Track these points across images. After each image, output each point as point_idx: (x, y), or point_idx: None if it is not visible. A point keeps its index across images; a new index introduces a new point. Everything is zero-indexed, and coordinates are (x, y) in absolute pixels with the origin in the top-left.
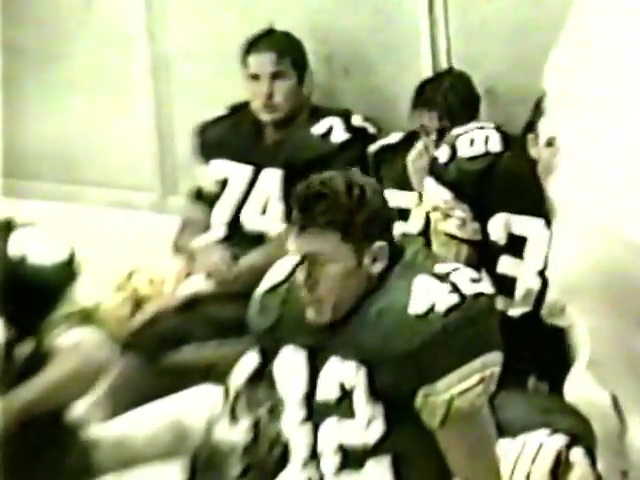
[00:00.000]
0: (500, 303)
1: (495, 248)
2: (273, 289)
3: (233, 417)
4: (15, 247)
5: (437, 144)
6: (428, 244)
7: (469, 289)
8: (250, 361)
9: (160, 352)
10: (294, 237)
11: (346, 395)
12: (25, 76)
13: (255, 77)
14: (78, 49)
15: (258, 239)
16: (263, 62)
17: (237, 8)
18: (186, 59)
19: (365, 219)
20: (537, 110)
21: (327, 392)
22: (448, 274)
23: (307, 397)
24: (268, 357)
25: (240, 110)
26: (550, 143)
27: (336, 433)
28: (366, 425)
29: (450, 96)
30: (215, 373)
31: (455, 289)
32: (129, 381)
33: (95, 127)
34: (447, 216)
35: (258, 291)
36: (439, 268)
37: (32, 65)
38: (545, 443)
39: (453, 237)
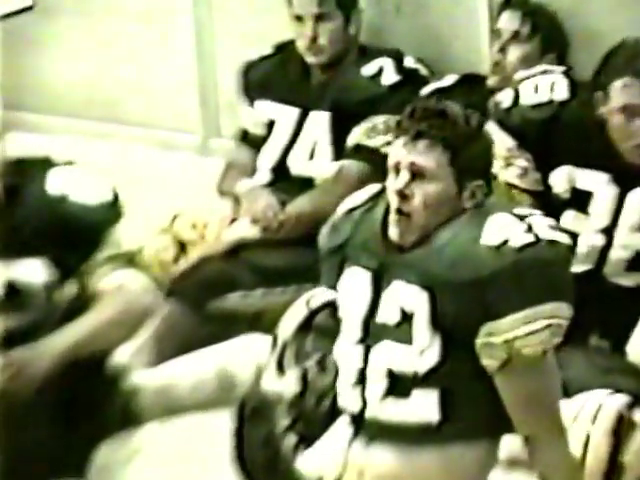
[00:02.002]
0: None
1: (558, 201)
2: (349, 212)
3: (280, 368)
4: (54, 185)
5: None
6: None
7: (546, 234)
8: (299, 310)
9: (205, 299)
10: (402, 145)
11: (405, 319)
12: (62, 14)
13: (299, 18)
14: None
15: (306, 184)
16: (306, 2)
17: None
18: None
19: (476, 151)
20: (606, 63)
21: (387, 315)
22: (526, 216)
23: (366, 319)
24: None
25: (286, 49)
26: (625, 108)
27: (388, 356)
28: (420, 352)
29: (538, 7)
30: (262, 322)
31: (531, 230)
32: (173, 327)
33: (135, 65)
34: (508, 164)
35: (336, 214)
36: (518, 210)
37: (71, 3)
38: (605, 403)
39: (514, 187)
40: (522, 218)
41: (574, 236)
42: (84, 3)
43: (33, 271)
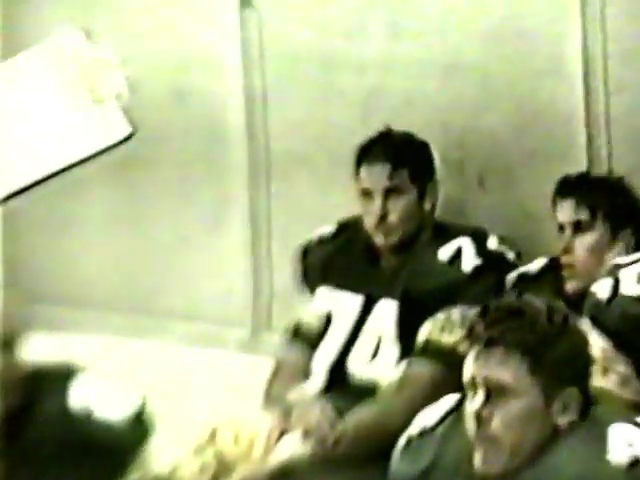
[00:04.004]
0: None
1: None
2: (426, 432)
3: None
4: (77, 400)
5: (571, 241)
6: None
7: None
8: None
9: None
10: (475, 357)
11: None
12: (95, 185)
13: (367, 193)
14: (165, 151)
15: (367, 390)
16: (375, 176)
17: (354, 101)
18: (287, 165)
19: (562, 353)
20: None
21: None
22: None
23: None
24: None
25: (350, 228)
26: None
27: None
28: None
29: (594, 187)
30: None
31: None
32: None
33: (177, 248)
34: (605, 370)
35: (405, 436)
36: None
37: (105, 171)
38: None
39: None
40: None
41: None
42: (120, 177)
43: None
